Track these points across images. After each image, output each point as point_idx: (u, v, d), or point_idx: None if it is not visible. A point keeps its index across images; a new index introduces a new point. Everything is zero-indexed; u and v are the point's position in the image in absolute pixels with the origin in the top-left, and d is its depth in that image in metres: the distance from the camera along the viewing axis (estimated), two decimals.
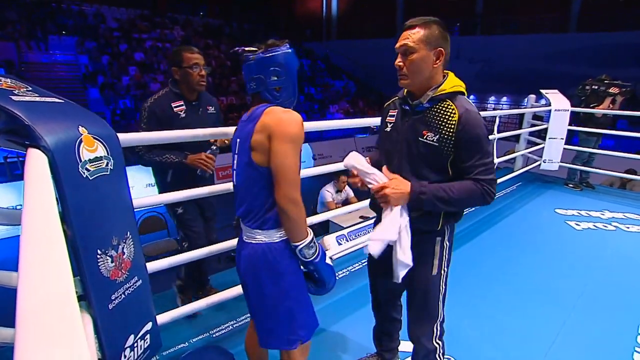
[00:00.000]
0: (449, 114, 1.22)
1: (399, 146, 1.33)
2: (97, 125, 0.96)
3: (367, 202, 2.72)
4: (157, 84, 11.37)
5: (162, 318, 1.57)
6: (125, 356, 1.05)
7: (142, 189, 6.69)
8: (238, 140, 1.27)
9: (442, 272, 1.40)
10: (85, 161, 0.90)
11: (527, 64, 13.67)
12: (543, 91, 4.81)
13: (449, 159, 1.24)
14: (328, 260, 1.31)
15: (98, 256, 0.95)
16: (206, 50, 14.14)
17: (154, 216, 4.23)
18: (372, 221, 3.11)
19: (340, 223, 3.74)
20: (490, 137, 3.77)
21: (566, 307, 2.29)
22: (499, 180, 1.21)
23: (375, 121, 3.05)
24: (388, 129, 1.40)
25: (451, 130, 1.21)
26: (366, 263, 1.64)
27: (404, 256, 1.27)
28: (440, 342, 1.44)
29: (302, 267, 1.29)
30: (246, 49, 1.23)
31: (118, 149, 0.99)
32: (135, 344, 1.11)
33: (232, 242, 1.90)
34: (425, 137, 1.25)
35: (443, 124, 1.23)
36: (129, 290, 1.07)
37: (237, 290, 1.89)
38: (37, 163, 0.80)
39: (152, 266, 1.50)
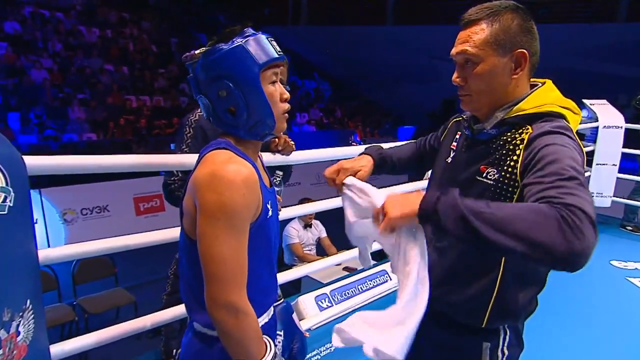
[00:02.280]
0: (518, 142, 1.12)
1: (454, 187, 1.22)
2: None
3: (351, 252, 2.71)
4: (42, 70, 10.92)
5: None
6: None
7: None
8: None
9: None
10: None
11: (561, 62, 14.37)
12: (586, 101, 4.97)
13: (512, 200, 1.12)
14: None
15: None
16: (120, 28, 14.03)
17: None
18: (363, 274, 3.08)
19: (320, 279, 3.74)
20: None
21: None
22: None
23: None
24: (449, 160, 1.32)
25: (515, 160, 1.11)
26: None
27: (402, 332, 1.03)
28: None
29: None
30: (197, 52, 1.11)
31: (23, 178, 0.97)
32: None
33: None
34: (484, 174, 1.17)
35: (508, 155, 1.13)
36: None
37: None
38: None
39: (57, 350, 1.44)
